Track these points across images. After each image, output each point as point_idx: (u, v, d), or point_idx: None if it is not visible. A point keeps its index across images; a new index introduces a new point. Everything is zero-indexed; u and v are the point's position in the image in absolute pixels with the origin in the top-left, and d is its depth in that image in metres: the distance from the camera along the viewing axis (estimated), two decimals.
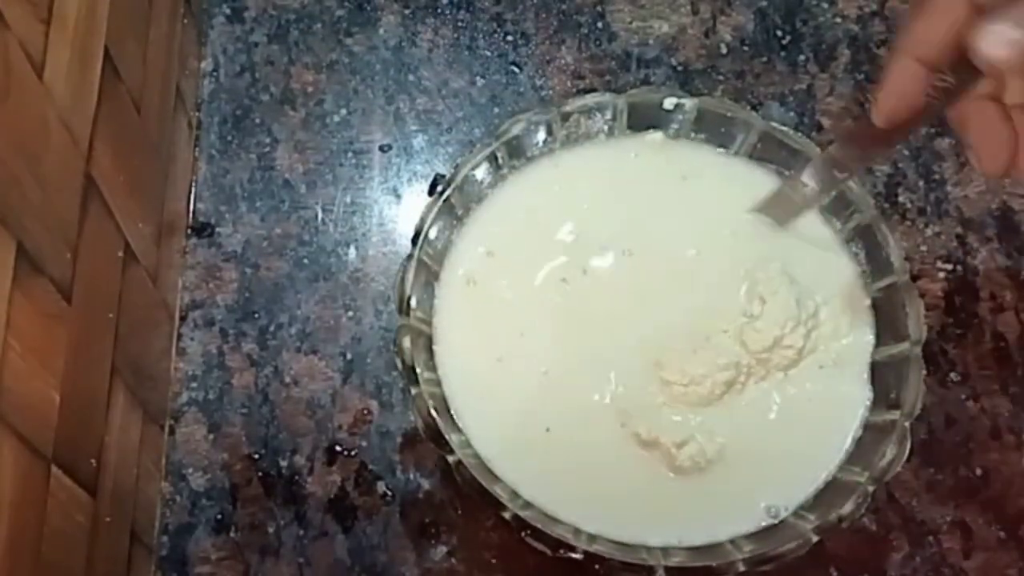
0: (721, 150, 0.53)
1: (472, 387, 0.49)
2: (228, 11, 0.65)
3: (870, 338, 0.50)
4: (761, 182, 0.52)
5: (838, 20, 0.66)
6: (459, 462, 0.45)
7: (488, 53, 0.65)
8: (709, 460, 0.47)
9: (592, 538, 0.45)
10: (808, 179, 0.48)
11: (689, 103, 0.52)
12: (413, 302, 0.48)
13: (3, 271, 0.36)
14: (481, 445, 0.48)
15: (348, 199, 0.61)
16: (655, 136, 0.53)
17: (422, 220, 0.50)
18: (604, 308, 0.50)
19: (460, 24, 0.65)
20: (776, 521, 0.47)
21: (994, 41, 0.34)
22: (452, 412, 0.48)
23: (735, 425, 0.48)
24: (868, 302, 0.50)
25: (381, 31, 0.65)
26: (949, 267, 0.60)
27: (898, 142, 0.43)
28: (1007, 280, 0.60)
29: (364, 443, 0.55)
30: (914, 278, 0.50)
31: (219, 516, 0.54)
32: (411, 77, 0.64)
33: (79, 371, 0.43)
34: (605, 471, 0.48)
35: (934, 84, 0.38)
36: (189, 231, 0.59)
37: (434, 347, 0.49)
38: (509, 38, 0.65)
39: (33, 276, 0.38)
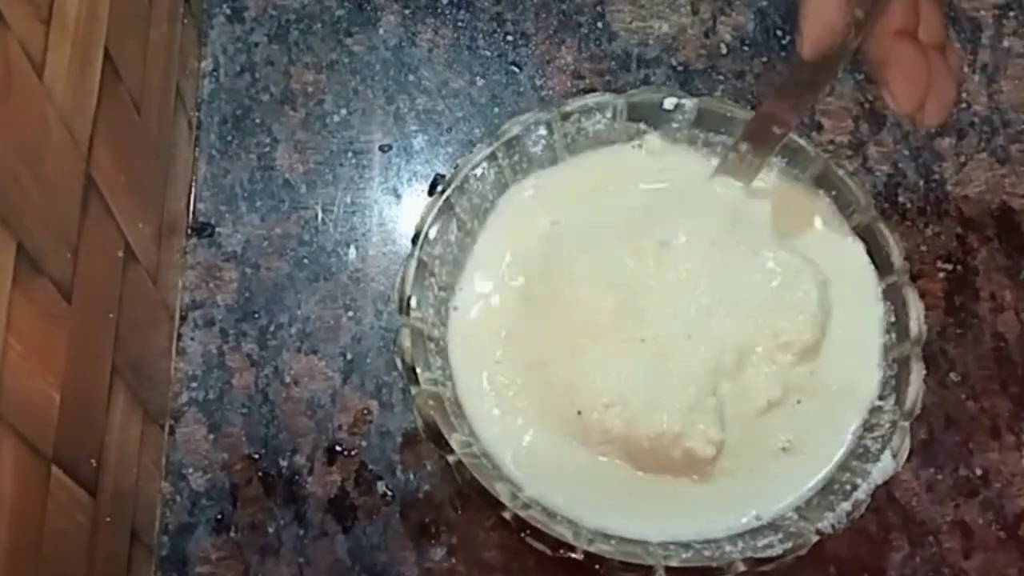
0: (715, 158, 0.53)
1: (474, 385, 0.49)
2: (228, 11, 0.65)
3: (879, 328, 0.50)
4: (755, 187, 0.52)
5: None
6: (459, 462, 0.45)
7: (488, 53, 0.65)
8: (709, 457, 0.47)
9: (592, 538, 0.45)
10: (747, 141, 0.50)
11: (689, 103, 0.52)
12: (413, 302, 0.48)
13: (3, 271, 0.36)
14: (482, 444, 0.48)
15: (348, 199, 0.61)
16: (652, 139, 0.53)
17: (422, 220, 0.50)
18: (605, 307, 0.50)
19: (460, 24, 0.65)
20: (767, 521, 0.47)
21: None
22: (452, 412, 0.48)
23: (736, 421, 0.48)
24: (879, 291, 0.50)
25: (381, 31, 0.65)
26: (949, 267, 0.60)
27: (824, 86, 0.45)
28: (1007, 280, 0.60)
29: (364, 443, 0.55)
30: (914, 278, 0.50)
31: (219, 516, 0.54)
32: (411, 77, 0.64)
33: (79, 371, 0.43)
34: (606, 467, 0.49)
35: (850, 17, 0.40)
36: (189, 231, 0.59)
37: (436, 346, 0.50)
38: (509, 38, 0.65)
39: (33, 276, 0.38)
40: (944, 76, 0.40)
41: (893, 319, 0.49)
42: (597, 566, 0.44)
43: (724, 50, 0.65)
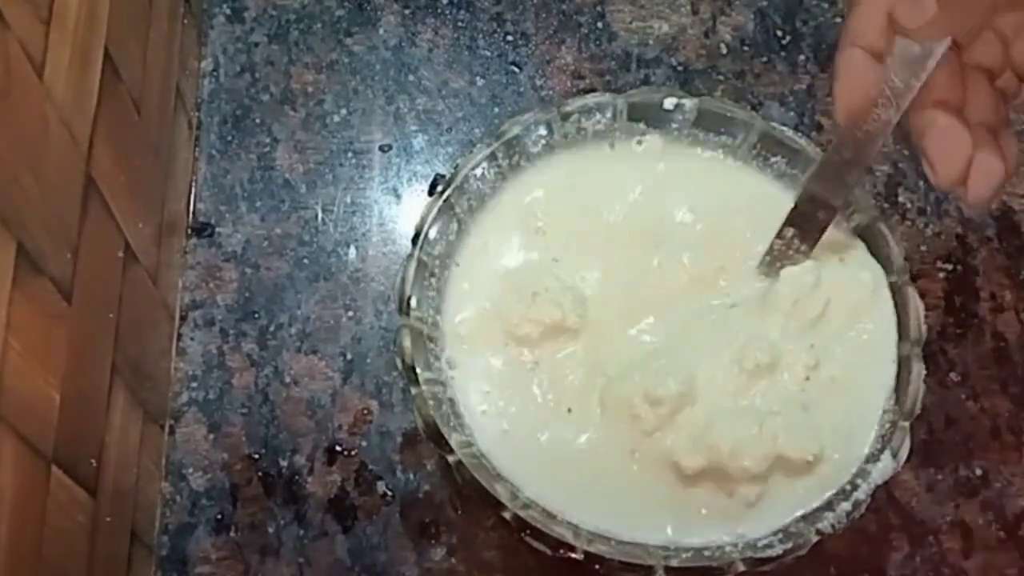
0: (718, 152, 0.53)
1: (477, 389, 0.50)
2: (228, 11, 0.65)
3: (892, 332, 0.50)
4: (759, 182, 0.52)
5: (838, 20, 0.66)
6: (459, 462, 0.45)
7: (488, 53, 0.65)
8: (713, 458, 0.47)
9: (592, 538, 0.45)
10: (792, 227, 0.48)
11: (689, 103, 0.52)
12: (413, 302, 0.48)
13: (3, 271, 0.36)
14: (483, 444, 0.48)
15: (348, 199, 0.61)
16: (654, 140, 0.53)
17: (422, 220, 0.50)
18: (608, 307, 0.50)
19: (460, 24, 0.65)
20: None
21: (910, 12, 0.36)
22: (453, 411, 0.48)
23: (743, 422, 0.48)
24: (889, 297, 0.50)
25: (381, 31, 0.65)
26: (949, 267, 0.60)
27: (867, 162, 0.43)
28: (1007, 280, 0.60)
29: (364, 443, 0.55)
30: (914, 278, 0.49)
31: (219, 516, 0.54)
32: (411, 77, 0.64)
33: (79, 371, 0.43)
34: (609, 469, 0.49)
35: (886, 86, 0.39)
36: (189, 231, 0.59)
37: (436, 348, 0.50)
38: (509, 38, 0.65)
39: (33, 276, 0.38)
40: (989, 153, 0.38)
41: (897, 319, 0.49)
42: (597, 566, 0.44)
43: (724, 50, 0.65)
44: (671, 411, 0.47)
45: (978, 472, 0.56)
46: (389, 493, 0.54)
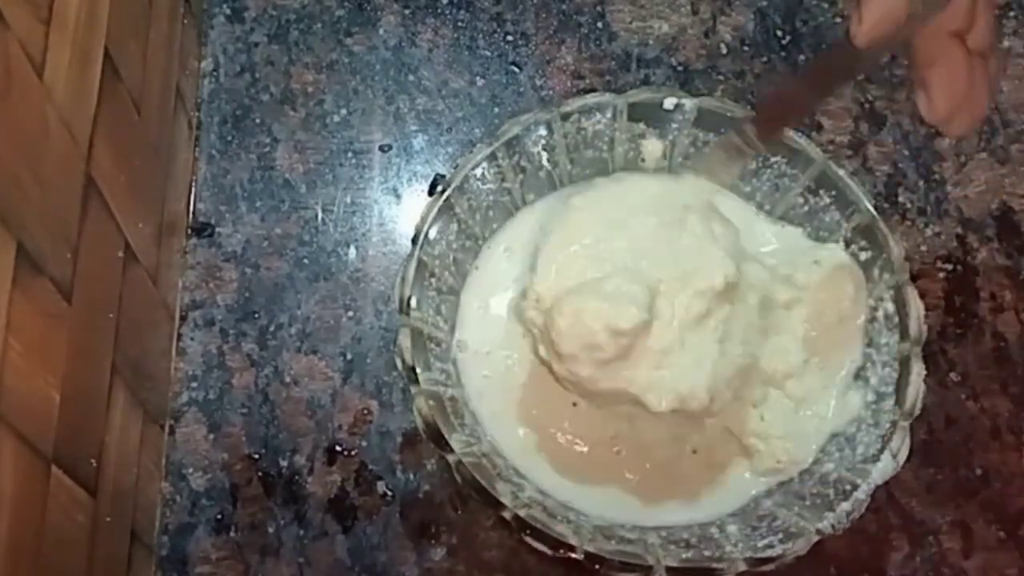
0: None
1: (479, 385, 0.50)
2: (228, 11, 0.65)
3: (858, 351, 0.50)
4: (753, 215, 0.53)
5: (838, 20, 0.66)
6: (459, 462, 0.45)
7: (488, 53, 0.65)
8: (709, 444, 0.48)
9: (592, 537, 0.45)
10: (754, 124, 0.48)
11: (689, 103, 0.52)
12: (413, 302, 0.48)
13: (3, 271, 0.36)
14: (486, 442, 0.48)
15: (348, 199, 0.61)
16: (655, 145, 0.53)
17: (422, 220, 0.50)
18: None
19: (460, 24, 0.65)
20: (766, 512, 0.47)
21: None
22: (453, 411, 0.48)
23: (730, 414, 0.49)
24: (861, 319, 0.50)
25: (381, 31, 0.65)
26: (949, 267, 0.60)
27: (857, 75, 0.42)
28: (1007, 280, 0.60)
29: (364, 443, 0.55)
30: (914, 278, 0.50)
31: (219, 516, 0.54)
32: (411, 77, 0.64)
33: (79, 371, 0.43)
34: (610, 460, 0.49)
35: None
36: (189, 231, 0.59)
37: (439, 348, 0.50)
38: (509, 38, 0.65)
39: (33, 276, 0.38)
40: (981, 88, 0.38)
41: (897, 319, 0.49)
42: (597, 566, 0.44)
43: (724, 50, 0.65)
44: (632, 342, 0.46)
45: (978, 472, 0.56)
46: (389, 493, 0.54)
